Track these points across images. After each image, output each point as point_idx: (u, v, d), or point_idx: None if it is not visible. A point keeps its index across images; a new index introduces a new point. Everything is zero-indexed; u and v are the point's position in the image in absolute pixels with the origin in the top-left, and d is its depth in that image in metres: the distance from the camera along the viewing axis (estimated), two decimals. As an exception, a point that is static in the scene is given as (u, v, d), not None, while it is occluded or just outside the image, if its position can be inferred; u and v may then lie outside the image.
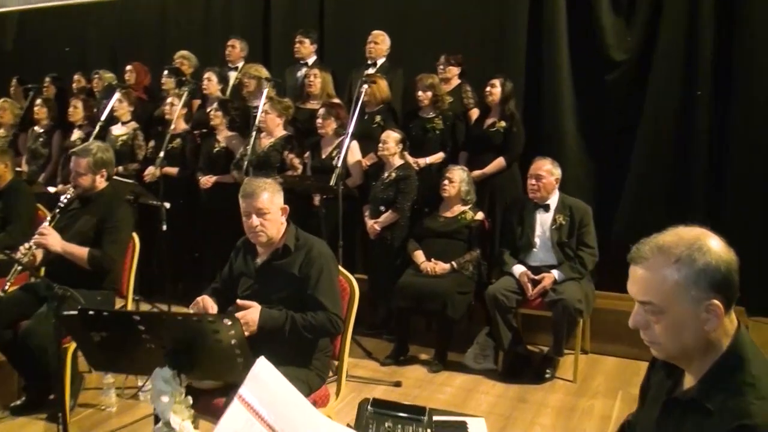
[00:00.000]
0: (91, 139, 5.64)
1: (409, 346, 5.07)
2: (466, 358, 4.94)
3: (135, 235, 4.18)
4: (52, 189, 6.05)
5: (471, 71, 6.08)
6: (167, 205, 5.24)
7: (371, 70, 6.25)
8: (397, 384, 4.55)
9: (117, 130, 6.34)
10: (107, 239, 3.91)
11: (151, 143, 6.35)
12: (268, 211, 3.01)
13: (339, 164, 4.94)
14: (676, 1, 5.59)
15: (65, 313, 2.37)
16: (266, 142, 5.53)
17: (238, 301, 3.04)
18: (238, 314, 2.79)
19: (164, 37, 8.09)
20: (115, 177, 4.37)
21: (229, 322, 2.22)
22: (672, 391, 1.66)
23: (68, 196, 3.98)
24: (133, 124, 6.35)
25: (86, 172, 4.00)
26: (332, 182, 4.84)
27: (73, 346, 3.75)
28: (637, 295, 1.58)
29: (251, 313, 2.89)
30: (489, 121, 5.55)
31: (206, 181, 5.81)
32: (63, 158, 6.56)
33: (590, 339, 5.12)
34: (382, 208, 5.33)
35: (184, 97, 5.66)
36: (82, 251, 3.87)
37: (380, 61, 6.27)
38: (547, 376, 4.70)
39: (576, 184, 5.68)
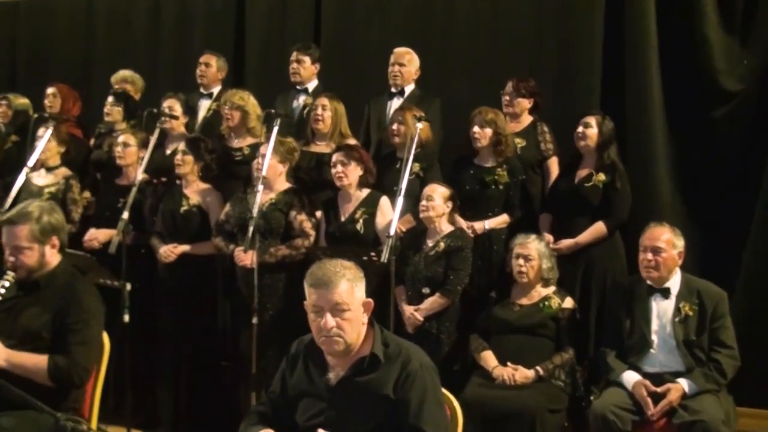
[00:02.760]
0: (12, 193, 5.33)
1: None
2: (560, 503, 4.67)
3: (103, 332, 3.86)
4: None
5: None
6: (129, 286, 4.97)
7: (397, 102, 6.12)
8: None
9: (40, 178, 5.95)
10: (74, 341, 3.57)
11: (86, 194, 6.04)
12: (348, 307, 2.92)
13: (392, 232, 4.68)
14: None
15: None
16: (264, 198, 5.23)
17: None
18: None
19: (88, 50, 7.88)
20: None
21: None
22: None
23: (6, 284, 3.62)
24: (64, 171, 6.01)
25: (29, 244, 3.66)
26: (384, 257, 4.58)
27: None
28: None
29: None
30: (582, 172, 5.42)
31: (168, 252, 5.49)
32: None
33: (724, 473, 4.90)
34: (426, 290, 5.11)
35: (155, 136, 5.33)
36: (38, 361, 3.51)
37: (409, 89, 6.14)
38: None
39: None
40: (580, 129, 5.39)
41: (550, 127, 5.80)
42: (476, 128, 5.48)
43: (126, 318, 4.90)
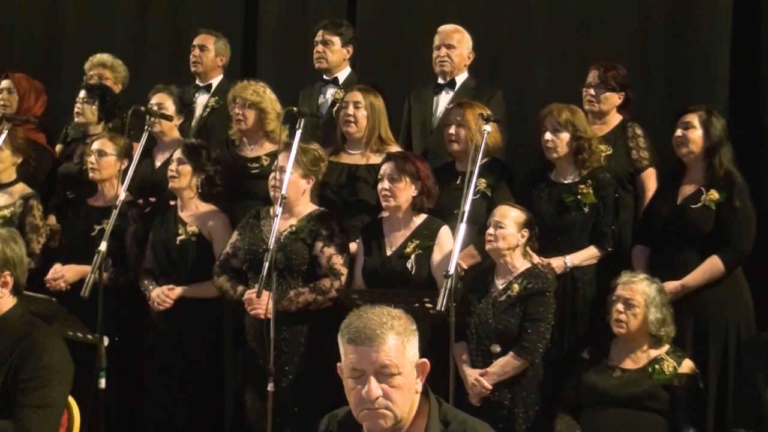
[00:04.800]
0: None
1: None
2: None
3: (72, 401, 3.85)
4: None
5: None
6: (106, 341, 4.91)
7: (446, 95, 6.11)
8: None
9: (-8, 198, 5.97)
10: (25, 402, 3.53)
11: (52, 221, 6.05)
12: (397, 369, 2.83)
13: (451, 270, 4.59)
14: None
15: None
16: (283, 224, 5.17)
17: None
18: None
19: (54, 30, 7.96)
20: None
21: None
22: None
23: None
24: (22, 188, 6.01)
25: None
26: (441, 304, 4.49)
27: None
28: None
29: None
30: (687, 189, 5.32)
31: (164, 296, 5.50)
32: None
33: None
34: (496, 348, 5.03)
35: (141, 143, 5.30)
36: None
37: (461, 78, 6.12)
38: None
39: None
40: (679, 132, 5.29)
41: (647, 130, 5.74)
42: (548, 135, 5.40)
43: (102, 383, 4.84)
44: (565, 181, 5.46)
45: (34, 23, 7.97)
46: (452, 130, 5.54)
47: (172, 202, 5.71)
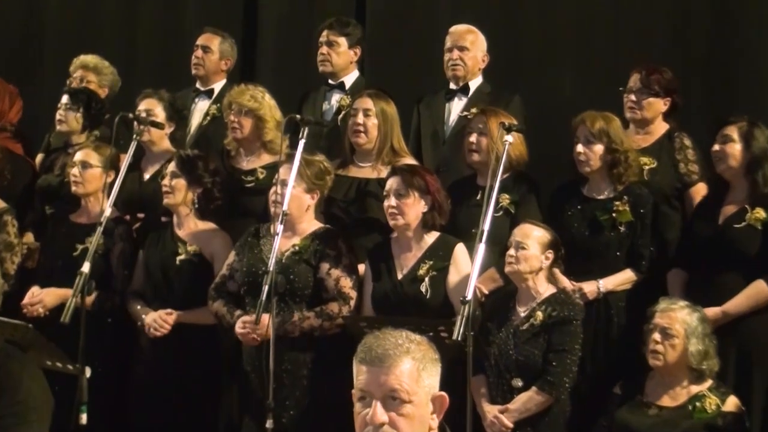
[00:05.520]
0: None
1: None
2: None
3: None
4: None
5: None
6: (89, 371, 4.82)
7: (459, 102, 6.11)
8: None
9: (-40, 215, 5.93)
10: None
11: (29, 238, 6.03)
12: (408, 397, 2.79)
13: (469, 296, 4.52)
14: None
15: None
16: (285, 244, 5.17)
17: None
18: None
19: (33, 29, 7.94)
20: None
21: None
22: None
23: None
24: (-5, 202, 5.98)
25: None
26: (457, 333, 4.43)
27: None
28: None
29: None
30: (729, 209, 5.27)
31: (161, 321, 5.47)
32: None
33: None
34: (518, 381, 4.99)
35: (129, 153, 5.28)
36: None
37: (475, 83, 6.13)
38: None
39: None
40: (717, 146, 5.24)
41: (696, 141, 5.66)
42: (580, 147, 5.35)
43: (83, 419, 4.74)
44: (599, 197, 5.43)
45: (9, 19, 7.96)
46: (473, 138, 5.51)
47: (164, 219, 5.69)
